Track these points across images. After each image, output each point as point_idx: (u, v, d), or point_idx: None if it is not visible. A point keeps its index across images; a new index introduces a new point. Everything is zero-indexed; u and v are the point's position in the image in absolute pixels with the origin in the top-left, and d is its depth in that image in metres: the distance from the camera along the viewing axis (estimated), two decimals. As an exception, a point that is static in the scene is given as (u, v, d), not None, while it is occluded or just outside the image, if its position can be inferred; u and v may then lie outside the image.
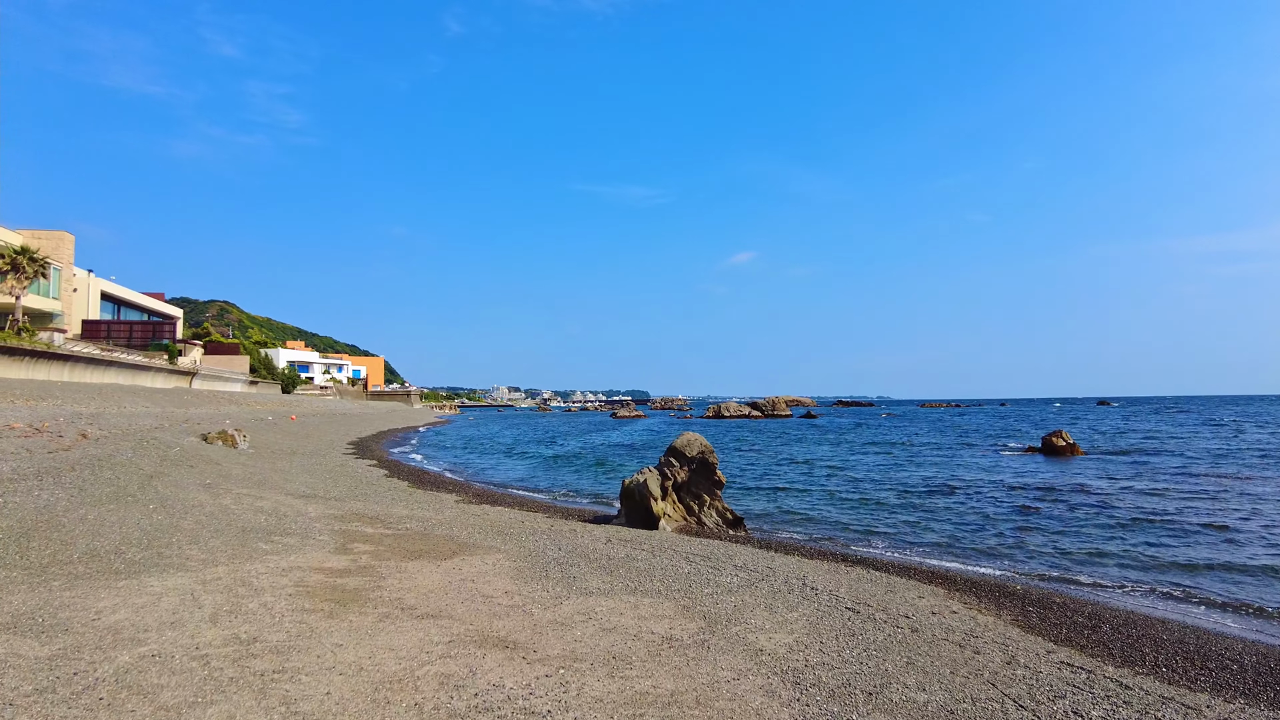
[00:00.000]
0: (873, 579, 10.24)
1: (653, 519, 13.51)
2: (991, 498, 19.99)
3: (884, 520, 16.57)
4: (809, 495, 20.83)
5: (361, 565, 8.57)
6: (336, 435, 43.62)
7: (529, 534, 11.99)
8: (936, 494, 20.91)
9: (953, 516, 17.08)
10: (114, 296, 63.42)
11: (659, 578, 9.07)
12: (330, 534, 10.49)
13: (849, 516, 17.12)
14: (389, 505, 15.09)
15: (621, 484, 14.30)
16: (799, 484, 23.60)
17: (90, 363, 43.57)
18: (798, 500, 19.74)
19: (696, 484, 14.64)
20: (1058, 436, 33.83)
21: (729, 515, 14.45)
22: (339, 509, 13.43)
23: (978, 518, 16.81)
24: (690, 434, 14.81)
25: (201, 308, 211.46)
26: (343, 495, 16.21)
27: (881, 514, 17.43)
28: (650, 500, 13.51)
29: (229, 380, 67.21)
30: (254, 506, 12.34)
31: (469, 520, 13.52)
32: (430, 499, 17.39)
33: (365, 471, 23.85)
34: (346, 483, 19.64)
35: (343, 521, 11.84)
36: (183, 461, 17.37)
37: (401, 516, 13.13)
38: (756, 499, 19.88)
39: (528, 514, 15.45)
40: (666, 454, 14.73)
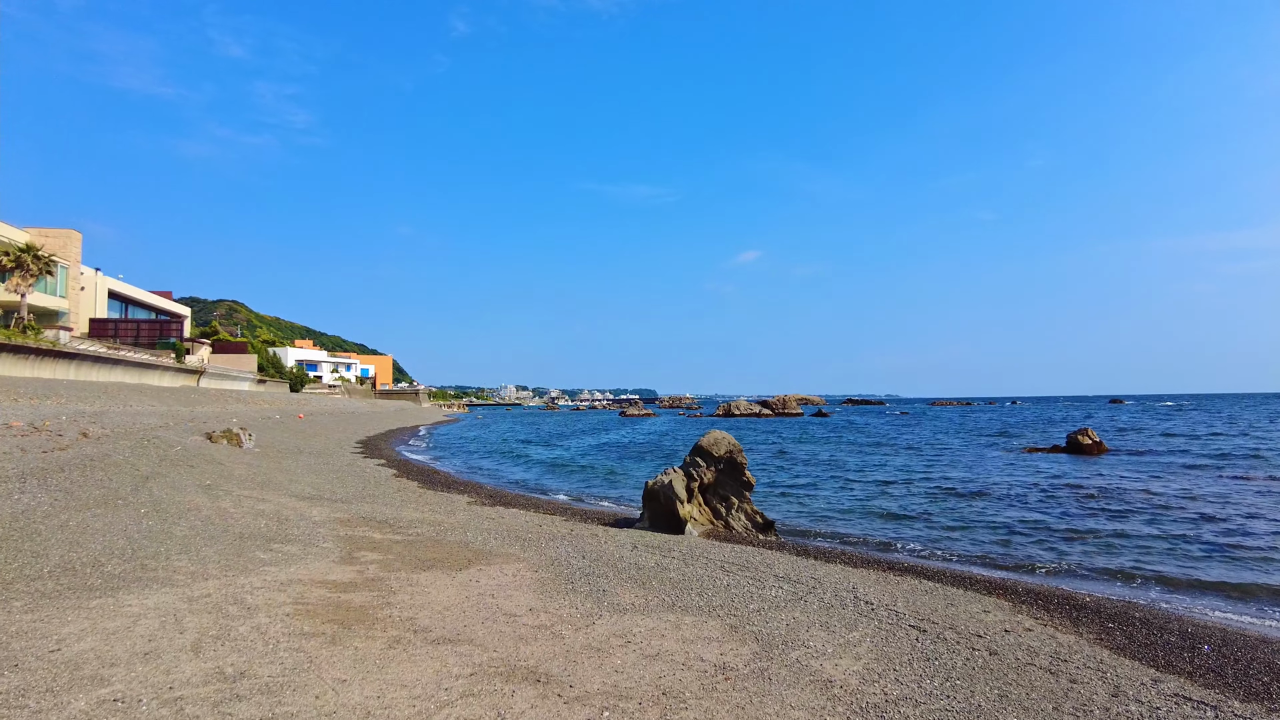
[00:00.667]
0: (927, 590, 9.33)
1: (679, 523, 12.61)
2: (1031, 500, 18.85)
3: (923, 524, 15.53)
4: (837, 497, 19.78)
5: (369, 577, 7.71)
6: (344, 434, 42.86)
7: (549, 540, 11.12)
8: (973, 496, 19.78)
9: (995, 520, 16.00)
10: (122, 295, 62.93)
11: (697, 591, 8.18)
12: (335, 540, 9.63)
13: (885, 520, 16.06)
14: (398, 508, 14.25)
15: (645, 486, 13.40)
16: (825, 485, 22.53)
17: (96, 361, 42.95)
18: (826, 503, 18.71)
19: (724, 485, 13.73)
20: (1083, 435, 32.77)
21: (759, 519, 13.53)
22: (345, 512, 12.59)
23: (1022, 521, 15.72)
24: (717, 432, 13.90)
25: (210, 307, 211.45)
26: (349, 497, 15.38)
27: (919, 518, 16.36)
28: (676, 503, 12.61)
29: (237, 379, 66.64)
30: (254, 510, 11.50)
31: (483, 524, 12.66)
32: (441, 500, 16.55)
33: (373, 471, 23.04)
34: (354, 483, 18.82)
35: (349, 526, 10.99)
36: (183, 461, 16.57)
37: (412, 520, 12.27)
38: (782, 502, 18.91)
39: (545, 517, 14.57)
40: (692, 453, 13.82)
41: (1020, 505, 17.95)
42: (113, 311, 62.19)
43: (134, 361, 47.54)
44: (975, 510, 17.29)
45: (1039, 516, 16.37)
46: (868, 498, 19.67)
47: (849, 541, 13.64)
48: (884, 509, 17.59)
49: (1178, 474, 24.42)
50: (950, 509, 17.61)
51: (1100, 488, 21.05)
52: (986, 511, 17.15)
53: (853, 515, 16.64)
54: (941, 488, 21.56)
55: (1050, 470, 26.18)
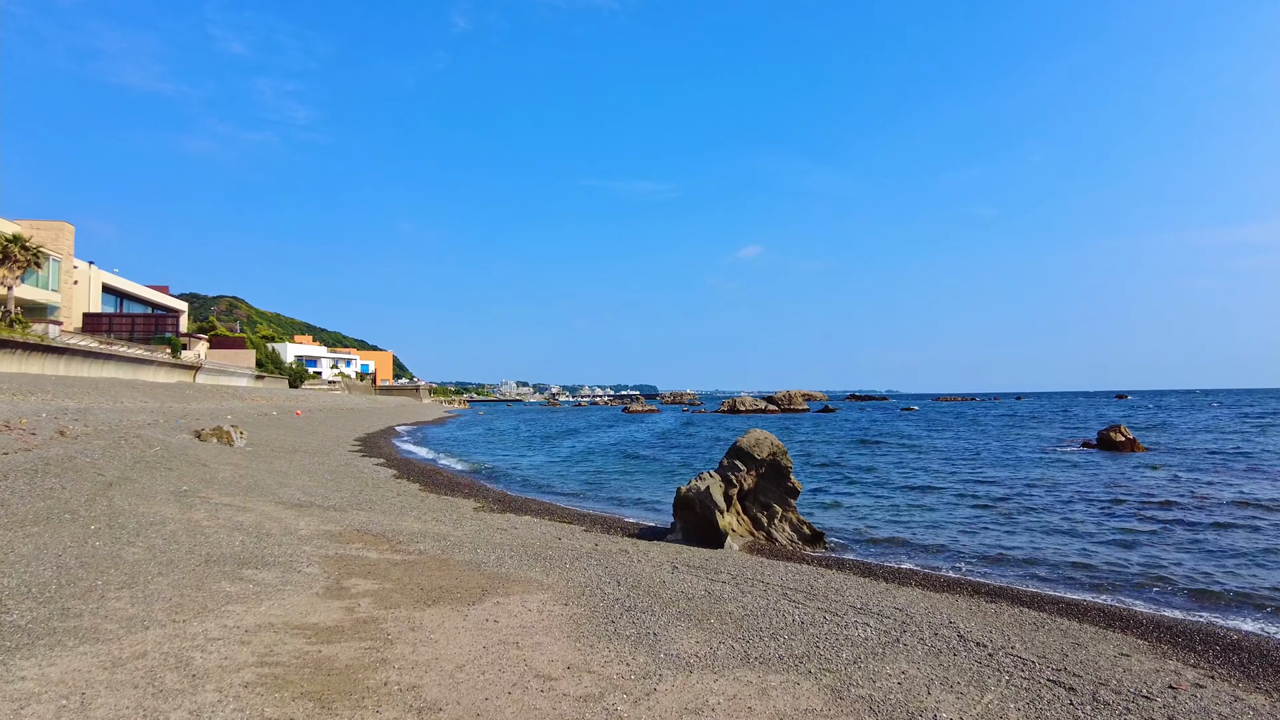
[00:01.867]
0: (1036, 622, 7.69)
1: (717, 535, 10.99)
2: (1092, 505, 16.95)
3: (985, 536, 13.67)
4: (876, 503, 17.87)
5: (360, 618, 6.08)
6: (343, 431, 41.23)
7: (572, 558, 9.48)
8: (1024, 500, 17.91)
9: (1061, 528, 14.25)
10: (116, 289, 61.25)
11: (768, 631, 6.55)
12: (322, 563, 7.99)
13: (940, 531, 14.08)
14: (397, 516, 12.62)
15: (676, 492, 11.75)
16: (857, 488, 20.64)
17: (88, 356, 41.33)
18: (865, 509, 16.82)
19: (766, 492, 12.09)
20: (1115, 431, 31.12)
21: (806, 530, 11.89)
22: (337, 523, 10.96)
23: (1093, 530, 13.98)
24: (758, 432, 12.27)
25: (210, 303, 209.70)
26: (344, 503, 13.76)
27: (976, 528, 14.52)
28: (715, 513, 10.97)
29: (234, 375, 65.04)
30: (232, 522, 9.86)
31: (494, 537, 11.03)
32: (445, 506, 14.92)
33: (372, 472, 21.41)
34: (350, 486, 17.19)
35: (340, 542, 9.36)
36: (160, 463, 14.94)
37: (413, 533, 10.63)
38: (816, 508, 17.14)
39: (562, 527, 12.94)
40: (729, 455, 12.18)
41: (1083, 512, 15.99)
42: (107, 306, 60.58)
43: (127, 357, 45.95)
44: (1035, 518, 15.36)
45: (1114, 527, 14.48)
46: (910, 503, 17.84)
47: (910, 554, 11.96)
48: (934, 518, 15.69)
49: (1235, 475, 22.75)
50: (1007, 516, 15.74)
51: (1158, 491, 19.29)
52: (1049, 519, 15.28)
53: (903, 524, 14.81)
54: (990, 493, 19.56)
55: (1094, 470, 24.41)
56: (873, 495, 19.42)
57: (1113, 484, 20.87)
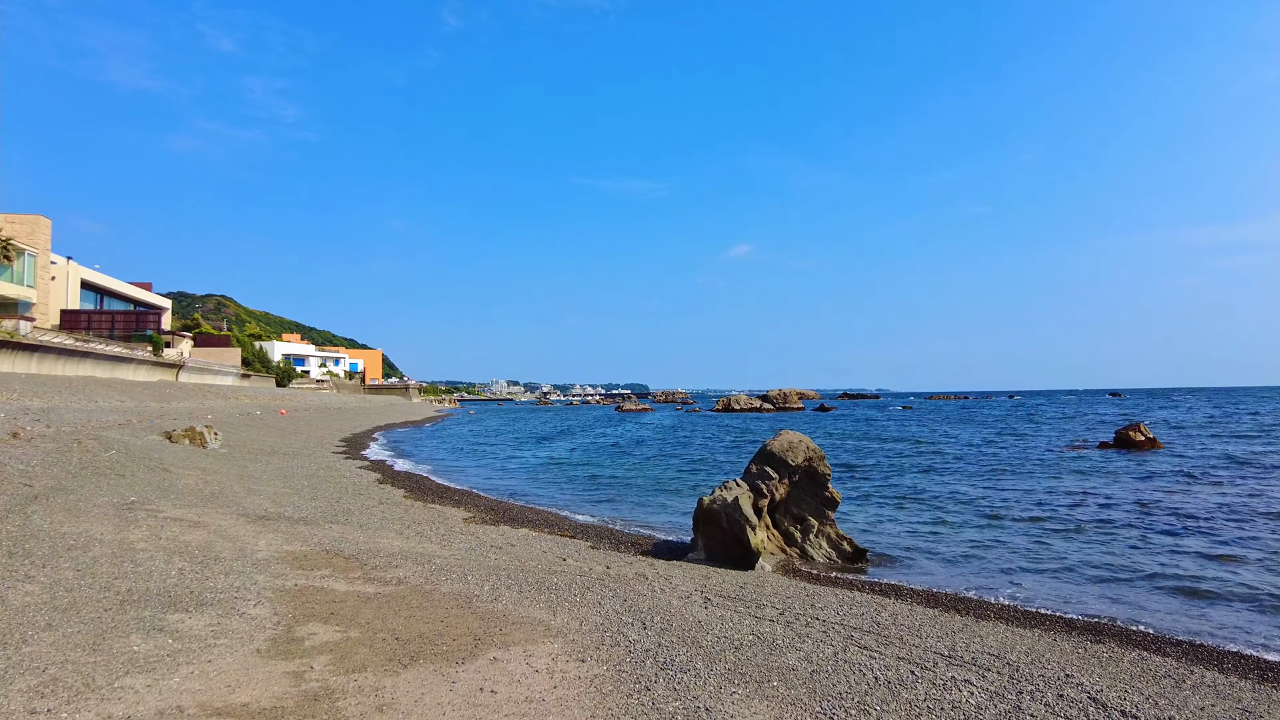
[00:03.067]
0: (1175, 677, 6.11)
1: (747, 555, 9.41)
2: (1149, 515, 15.24)
3: (1041, 553, 11.73)
4: (906, 513, 16.01)
5: (309, 692, 4.46)
6: (328, 431, 39.47)
7: (582, 586, 7.87)
8: (1073, 512, 15.92)
9: (1133, 547, 12.34)
10: (96, 285, 59.13)
11: (850, 696, 4.95)
12: (275, 598, 6.37)
13: (990, 549, 12.26)
14: (376, 530, 10.98)
15: (697, 504, 10.13)
16: (881, 495, 18.76)
17: (62, 353, 39.46)
18: (896, 521, 14.93)
19: (799, 502, 10.52)
20: (1135, 430, 29.74)
21: (846, 546, 10.31)
22: (305, 541, 9.32)
23: (1169, 548, 12.20)
24: (791, 434, 10.70)
25: (199, 302, 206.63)
26: (317, 514, 12.10)
27: (1027, 543, 12.63)
28: (745, 529, 9.38)
29: (219, 373, 63.11)
30: (176, 543, 8.22)
31: (488, 557, 9.41)
32: (432, 517, 13.29)
33: (354, 476, 19.73)
34: (328, 493, 15.53)
35: (304, 568, 7.72)
36: (112, 469, 13.25)
37: (393, 554, 9.00)
38: (836, 517, 15.49)
39: (565, 542, 11.32)
40: (758, 461, 10.59)
41: (1142, 525, 13.97)
42: (86, 302, 58.52)
43: (105, 354, 44.08)
44: (1099, 532, 13.47)
45: (1201, 546, 12.51)
46: (941, 512, 15.99)
47: (965, 576, 10.27)
48: (975, 533, 13.67)
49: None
50: (1060, 528, 13.92)
51: (1203, 496, 17.75)
52: (1112, 533, 13.37)
53: (940, 538, 13.07)
54: (1028, 499, 17.76)
55: (1126, 471, 22.80)
56: (897, 503, 17.60)
57: (1156, 487, 19.19)
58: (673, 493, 19.48)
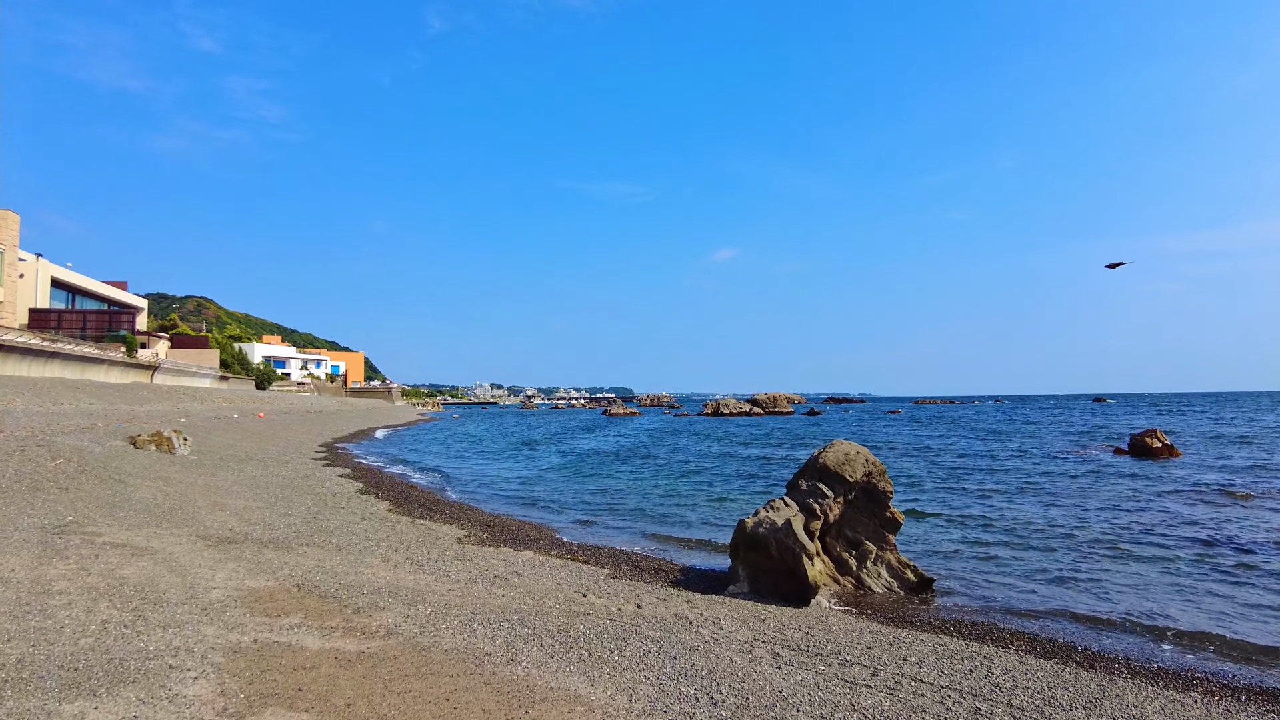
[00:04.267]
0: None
1: (803, 588, 7.90)
2: (1224, 533, 13.51)
3: (1115, 580, 10.02)
4: (941, 531, 14.05)
5: None
6: (308, 436, 37.60)
7: (617, 636, 6.32)
8: (1135, 531, 13.92)
9: (1225, 571, 10.70)
10: (67, 284, 56.74)
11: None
12: (224, 666, 4.78)
13: (1067, 579, 10.22)
14: (358, 556, 9.36)
15: (738, 527, 8.60)
16: (913, 512, 15.68)
17: (26, 354, 37.33)
18: (941, 543, 12.99)
19: (855, 524, 9.04)
20: (1151, 437, 28.56)
21: (909, 575, 8.80)
22: (273, 572, 7.70)
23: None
24: (846, 444, 9.21)
25: (179, 303, 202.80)
26: (290, 534, 10.46)
27: (1109, 572, 10.73)
28: (801, 557, 7.86)
29: (196, 375, 60.86)
30: (108, 580, 6.60)
31: (493, 593, 7.83)
32: (422, 536, 11.68)
33: (334, 486, 18.03)
34: (304, 507, 13.86)
35: (268, 613, 6.13)
36: (54, 481, 11.53)
37: (378, 589, 7.40)
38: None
39: (580, 569, 9.74)
40: (807, 475, 9.09)
41: (1224, 544, 12.44)
42: (57, 301, 56.18)
43: (74, 355, 41.94)
44: (1194, 567, 11.29)
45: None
46: (982, 530, 14.11)
47: (1053, 616, 8.49)
48: (1029, 554, 11.87)
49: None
50: (1146, 558, 11.82)
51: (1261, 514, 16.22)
52: (1209, 560, 11.52)
53: (996, 561, 11.32)
54: (1070, 515, 15.88)
55: (1165, 482, 21.07)
56: (929, 519, 15.61)
57: (1214, 503, 17.43)
58: (687, 506, 17.70)
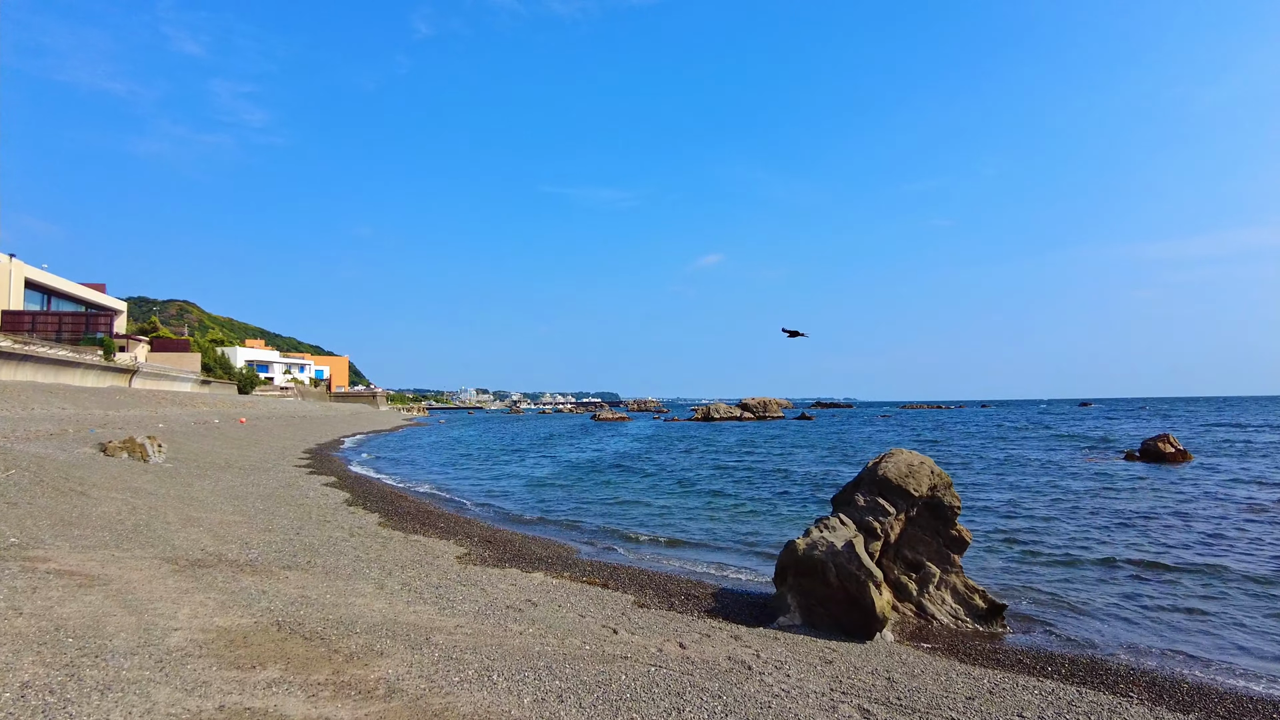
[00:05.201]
0: None
1: (867, 621, 6.79)
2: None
3: (1235, 608, 8.91)
4: (988, 549, 12.56)
5: None
6: (291, 441, 36.16)
7: (669, 691, 5.17)
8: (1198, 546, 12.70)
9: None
10: (42, 285, 54.85)
11: None
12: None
13: (1165, 608, 9.05)
14: (348, 581, 8.16)
15: (788, 549, 7.46)
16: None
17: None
18: (989, 562, 11.62)
19: (916, 544, 7.94)
20: (1164, 442, 27.79)
21: (978, 600, 7.70)
22: (249, 605, 6.51)
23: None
24: (907, 453, 8.14)
25: (161, 307, 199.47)
26: (269, 554, 9.25)
27: (1202, 599, 9.56)
28: (868, 587, 6.74)
29: (177, 379, 59.11)
30: (45, 620, 5.39)
31: (509, 629, 6.66)
32: (417, 554, 10.48)
33: (319, 496, 16.76)
34: (287, 520, 12.61)
35: (240, 664, 4.95)
36: (1, 495, 10.28)
37: (373, 625, 6.23)
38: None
39: (599, 594, 8.59)
40: (865, 487, 7.99)
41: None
42: (31, 303, 54.31)
43: (48, 358, 40.31)
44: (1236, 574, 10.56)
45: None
46: (1032, 545, 12.75)
47: (1167, 655, 7.29)
48: (1127, 585, 10.19)
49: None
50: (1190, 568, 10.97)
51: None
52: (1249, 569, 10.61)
53: (1082, 589, 9.84)
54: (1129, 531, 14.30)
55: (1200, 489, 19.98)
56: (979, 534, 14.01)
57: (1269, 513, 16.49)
58: (706, 518, 16.29)
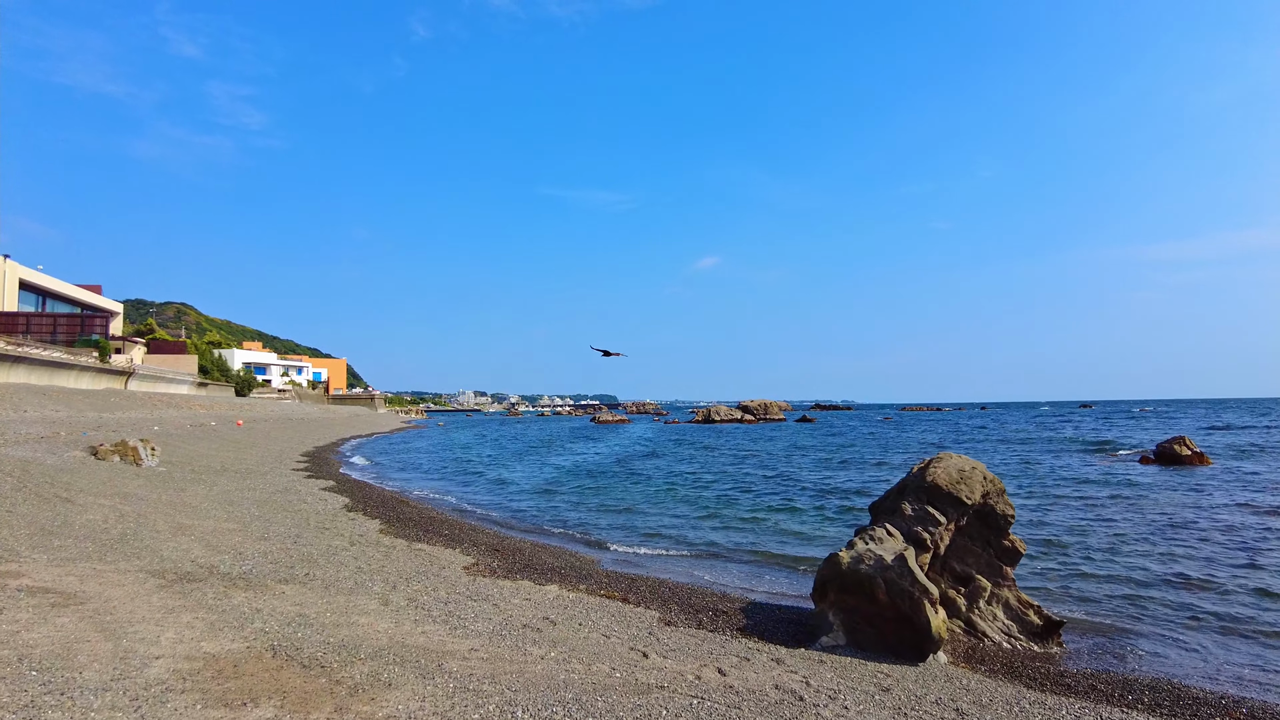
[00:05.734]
0: None
1: (921, 641, 6.18)
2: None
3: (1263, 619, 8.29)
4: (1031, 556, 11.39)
5: None
6: (289, 444, 35.48)
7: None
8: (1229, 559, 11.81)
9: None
10: (36, 286, 54.18)
11: None
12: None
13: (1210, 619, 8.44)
14: (350, 596, 7.54)
15: (830, 563, 6.82)
16: None
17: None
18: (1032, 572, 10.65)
19: (965, 555, 7.33)
20: (1180, 444, 27.22)
21: (1033, 616, 7.08)
22: (241, 625, 5.89)
23: None
24: (957, 457, 7.53)
25: (158, 309, 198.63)
26: (265, 566, 8.62)
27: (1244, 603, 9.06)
28: (923, 605, 6.12)
29: (173, 381, 58.40)
30: (6, 650, 4.78)
31: (528, 654, 6.04)
32: (422, 565, 9.85)
33: (317, 501, 16.12)
34: (283, 527, 11.97)
35: (226, 701, 4.30)
36: (-18, 503, 9.65)
37: (379, 649, 5.61)
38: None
39: (621, 609, 7.97)
40: (913, 495, 7.35)
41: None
42: (26, 304, 53.68)
43: (42, 360, 39.62)
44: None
45: None
46: (1059, 556, 11.95)
47: (1249, 679, 6.61)
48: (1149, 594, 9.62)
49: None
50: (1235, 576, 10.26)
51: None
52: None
53: (1107, 597, 9.27)
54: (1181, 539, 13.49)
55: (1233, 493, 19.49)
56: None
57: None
58: (720, 525, 15.72)
